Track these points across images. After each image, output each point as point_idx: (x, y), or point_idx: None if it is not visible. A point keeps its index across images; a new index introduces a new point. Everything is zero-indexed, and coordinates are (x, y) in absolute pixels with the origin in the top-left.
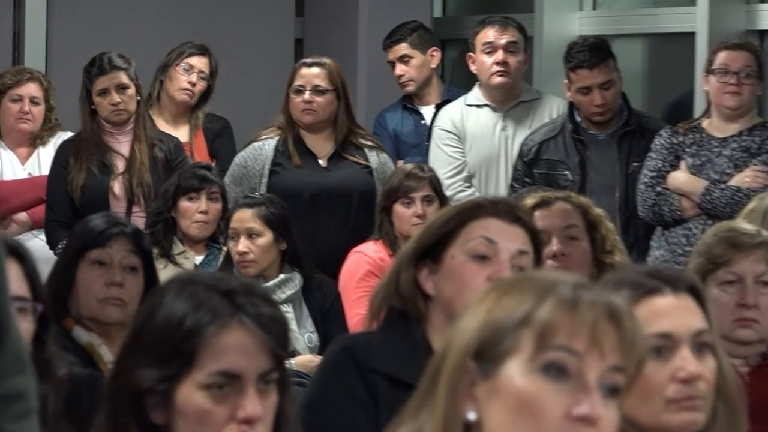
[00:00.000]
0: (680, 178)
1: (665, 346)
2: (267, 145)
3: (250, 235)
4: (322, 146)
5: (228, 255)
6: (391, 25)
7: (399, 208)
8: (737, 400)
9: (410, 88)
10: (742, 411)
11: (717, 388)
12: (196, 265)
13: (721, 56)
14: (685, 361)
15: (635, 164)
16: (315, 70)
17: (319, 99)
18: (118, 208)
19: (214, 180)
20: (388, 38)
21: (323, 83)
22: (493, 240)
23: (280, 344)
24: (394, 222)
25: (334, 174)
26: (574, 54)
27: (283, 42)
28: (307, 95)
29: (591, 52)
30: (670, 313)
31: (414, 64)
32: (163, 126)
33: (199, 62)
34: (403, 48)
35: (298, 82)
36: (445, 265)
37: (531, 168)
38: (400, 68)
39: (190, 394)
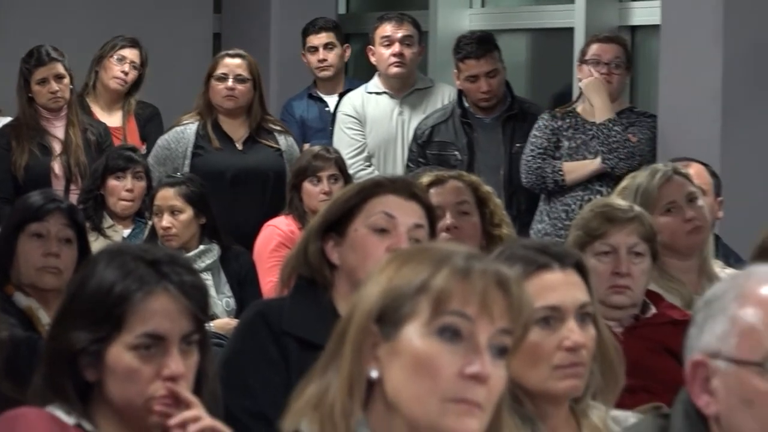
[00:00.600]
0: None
1: (553, 317)
2: (188, 129)
3: (173, 211)
4: (237, 131)
5: (153, 228)
6: (301, 21)
7: (308, 186)
8: (616, 362)
9: (328, 73)
10: (620, 371)
11: (597, 352)
12: (123, 238)
13: (594, 48)
14: (571, 331)
15: (518, 145)
16: (237, 60)
17: (240, 87)
18: (58, 186)
19: (139, 160)
20: (314, 25)
21: (244, 73)
22: (392, 215)
23: (200, 309)
24: (303, 198)
25: (250, 156)
26: (462, 46)
27: (203, 36)
28: (230, 82)
29: (478, 45)
30: (558, 287)
31: (336, 52)
32: (99, 112)
33: (131, 53)
34: (330, 36)
35: (221, 70)
36: (349, 238)
37: (424, 149)
38: (323, 53)
39: (120, 354)
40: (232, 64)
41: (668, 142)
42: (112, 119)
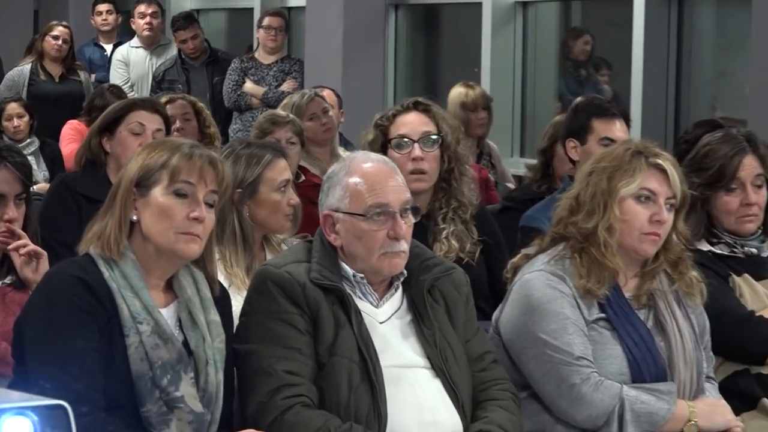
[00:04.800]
0: (249, 85)
1: (284, 186)
2: (25, 68)
3: (20, 116)
4: (55, 69)
5: None
6: (88, 3)
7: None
8: (298, 212)
9: (107, 28)
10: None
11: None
12: None
13: (267, 19)
14: (292, 194)
15: (216, 78)
16: (66, 30)
17: (65, 45)
18: None
19: None
20: None
21: (68, 38)
22: (142, 123)
23: (27, 178)
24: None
25: (65, 86)
26: (174, 21)
27: (26, 11)
28: (60, 41)
29: (183, 20)
30: (286, 168)
31: (113, 17)
32: None
33: None
34: (110, 6)
35: (56, 33)
36: (117, 136)
37: (161, 84)
38: (106, 16)
39: None
40: (64, 31)
41: (311, 76)
42: None
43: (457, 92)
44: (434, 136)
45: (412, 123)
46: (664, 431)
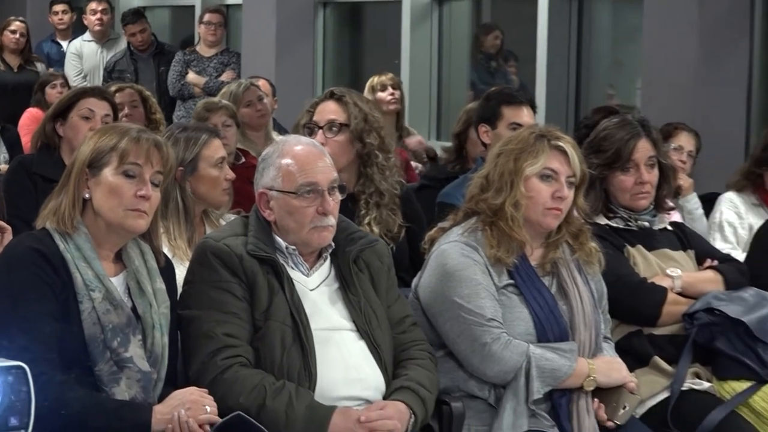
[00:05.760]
0: (191, 76)
1: (221, 163)
2: None
3: None
4: (14, 61)
5: None
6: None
7: (48, 90)
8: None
9: (64, 26)
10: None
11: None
12: None
13: (207, 16)
14: (228, 170)
15: (162, 68)
16: (23, 24)
17: (22, 39)
18: None
19: None
20: None
21: (25, 32)
22: (92, 109)
23: None
24: (46, 98)
25: (22, 76)
26: (124, 17)
27: None
28: (17, 35)
29: (132, 15)
30: (222, 149)
31: (69, 15)
32: None
33: None
34: (66, 6)
35: (13, 27)
36: (68, 122)
37: (111, 74)
38: (62, 15)
39: None
40: (21, 26)
41: (247, 67)
42: None
43: (369, 79)
44: (336, 126)
45: (324, 111)
46: (566, 386)
